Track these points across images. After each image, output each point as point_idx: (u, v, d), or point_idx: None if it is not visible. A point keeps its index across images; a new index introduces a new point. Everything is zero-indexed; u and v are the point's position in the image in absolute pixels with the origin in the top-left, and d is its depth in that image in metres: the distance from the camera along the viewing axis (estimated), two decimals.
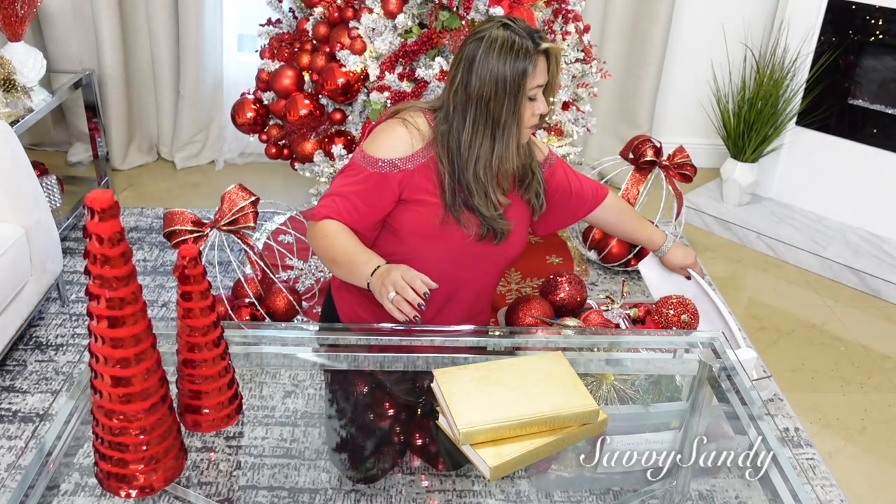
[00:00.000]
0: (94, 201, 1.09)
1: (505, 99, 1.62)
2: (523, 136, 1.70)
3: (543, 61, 1.64)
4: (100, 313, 1.14)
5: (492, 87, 1.61)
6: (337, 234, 1.65)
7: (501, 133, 1.65)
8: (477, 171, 1.66)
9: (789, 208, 3.49)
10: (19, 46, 2.93)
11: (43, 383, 2.32)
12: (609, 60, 3.68)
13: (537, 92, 1.66)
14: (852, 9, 3.16)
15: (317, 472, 1.38)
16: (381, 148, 1.67)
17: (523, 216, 1.82)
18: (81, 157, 3.70)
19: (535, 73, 1.62)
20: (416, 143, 1.68)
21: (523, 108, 1.64)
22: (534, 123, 1.70)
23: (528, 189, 1.80)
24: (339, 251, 1.63)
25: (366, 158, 1.68)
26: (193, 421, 1.39)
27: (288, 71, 2.52)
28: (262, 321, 2.33)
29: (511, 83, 1.60)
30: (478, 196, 1.68)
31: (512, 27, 1.63)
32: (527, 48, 1.60)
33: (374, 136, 1.71)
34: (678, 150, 2.99)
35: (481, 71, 1.61)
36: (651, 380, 1.66)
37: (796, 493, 1.31)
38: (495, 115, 1.63)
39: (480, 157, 1.65)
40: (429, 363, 1.60)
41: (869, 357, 2.69)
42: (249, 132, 2.68)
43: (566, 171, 1.92)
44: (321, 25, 2.49)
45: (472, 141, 1.65)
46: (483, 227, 1.71)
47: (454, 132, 1.66)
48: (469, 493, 1.37)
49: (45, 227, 2.37)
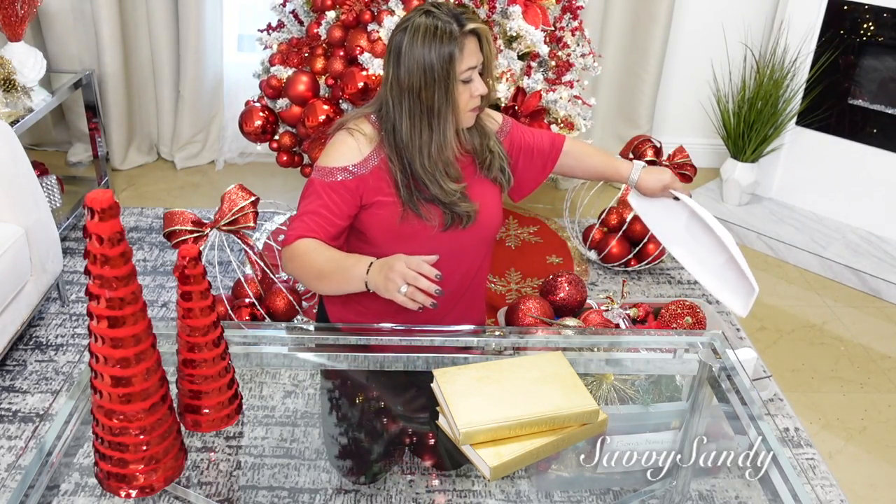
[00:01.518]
0: (94, 201, 1.09)
1: (435, 86, 1.60)
2: (464, 120, 1.69)
3: (473, 42, 1.62)
4: (100, 313, 1.14)
5: (420, 77, 1.59)
6: (314, 249, 1.62)
7: (438, 121, 1.63)
8: (423, 162, 1.65)
9: (789, 208, 3.49)
10: (19, 46, 2.93)
11: (43, 383, 2.32)
12: (609, 60, 3.68)
13: (471, 74, 1.63)
14: (853, 9, 3.16)
15: (317, 472, 1.38)
16: (332, 159, 1.67)
17: (492, 194, 1.80)
18: (81, 157, 3.70)
19: (462, 55, 1.59)
20: (363, 148, 1.67)
21: (456, 92, 1.62)
22: (474, 106, 1.67)
23: (490, 168, 1.79)
24: (323, 263, 1.60)
25: (321, 171, 1.67)
26: (193, 421, 1.39)
27: (302, 77, 2.48)
28: (262, 321, 2.33)
29: (439, 70, 1.58)
30: (431, 186, 1.66)
31: (434, 12, 1.61)
32: (451, 31, 1.58)
33: (325, 151, 1.72)
34: (678, 150, 2.99)
35: (408, 62, 1.59)
36: (651, 380, 1.66)
37: (796, 493, 1.31)
38: (429, 103, 1.61)
39: (423, 147, 1.64)
40: (429, 363, 1.60)
41: (869, 357, 2.69)
42: (258, 141, 2.65)
43: (522, 131, 1.90)
44: (336, 29, 2.46)
45: (412, 133, 1.64)
46: (446, 216, 1.70)
47: (396, 128, 1.65)
48: (469, 493, 1.37)
49: (45, 227, 2.37)
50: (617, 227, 3.03)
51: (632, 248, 3.00)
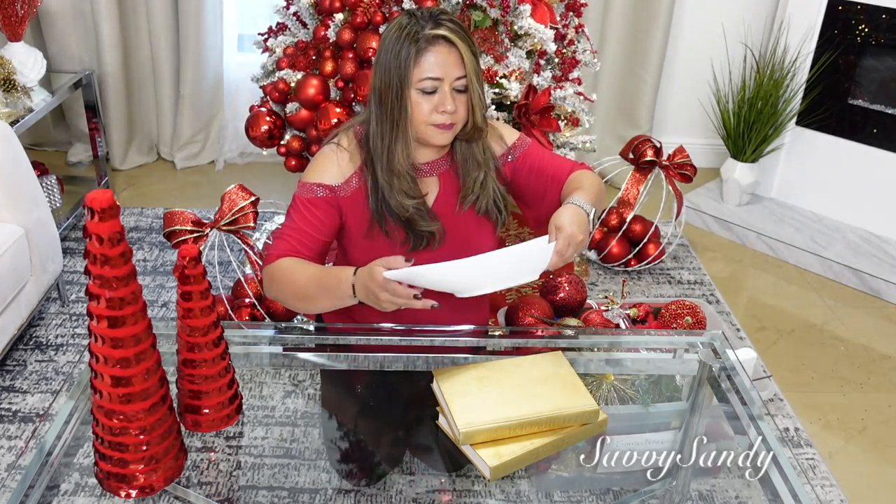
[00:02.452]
0: (94, 201, 1.09)
1: (391, 90, 1.50)
2: (426, 135, 1.55)
3: (443, 52, 1.48)
4: (100, 313, 1.14)
5: (381, 77, 1.52)
6: (292, 268, 1.53)
7: (393, 130, 1.54)
8: (381, 169, 1.57)
9: (789, 208, 3.49)
10: (19, 46, 2.93)
11: (43, 383, 2.32)
12: (609, 60, 3.68)
13: (436, 85, 1.49)
14: (852, 9, 3.16)
15: (317, 472, 1.38)
16: (314, 174, 1.61)
17: (481, 226, 1.69)
18: (81, 157, 3.70)
19: (421, 60, 1.47)
20: (345, 168, 1.60)
21: (409, 101, 1.50)
22: (439, 122, 1.52)
23: (475, 203, 1.65)
24: (304, 284, 1.51)
25: (302, 187, 1.61)
26: (193, 421, 1.39)
27: (312, 80, 2.44)
28: (262, 321, 2.33)
29: (395, 72, 1.49)
30: (389, 196, 1.58)
31: (415, 13, 1.51)
32: (415, 33, 1.47)
33: (308, 166, 1.66)
34: (678, 150, 2.99)
35: (377, 60, 1.53)
36: (651, 380, 1.66)
37: (796, 493, 1.31)
38: (385, 108, 1.53)
39: (381, 154, 1.56)
40: (429, 363, 1.60)
41: (869, 357, 2.69)
42: (265, 146, 2.61)
43: (542, 155, 1.71)
44: (346, 31, 2.42)
45: (374, 138, 1.57)
46: (408, 235, 1.61)
47: (369, 130, 1.59)
48: (469, 493, 1.37)
49: (45, 227, 2.37)
50: (617, 227, 3.03)
51: (632, 248, 3.00)
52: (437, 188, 1.66)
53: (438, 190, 1.66)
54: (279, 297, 1.58)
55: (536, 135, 2.47)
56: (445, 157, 1.66)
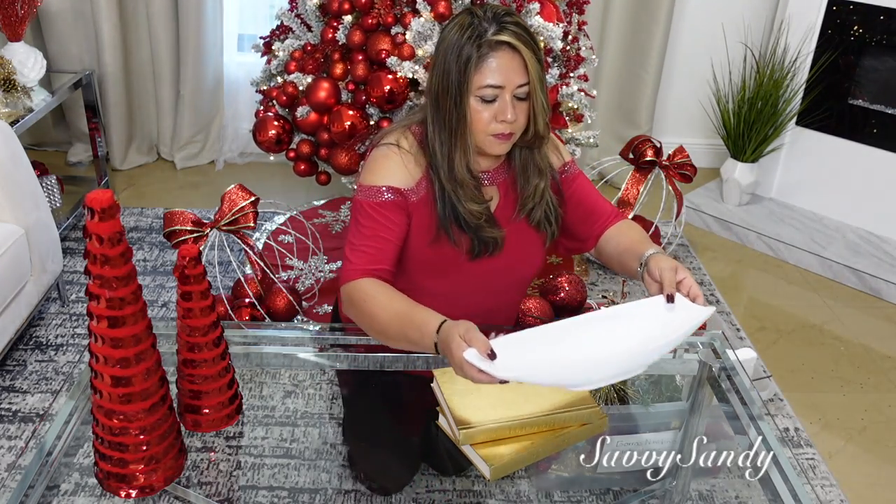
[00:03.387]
0: (94, 201, 1.09)
1: (448, 95, 1.42)
2: (484, 145, 1.47)
3: (506, 57, 1.39)
4: (100, 313, 1.14)
5: (439, 80, 1.43)
6: (375, 297, 1.40)
7: (448, 135, 1.45)
8: (444, 175, 1.48)
9: (789, 208, 3.49)
10: (19, 46, 2.93)
11: (43, 383, 2.32)
12: (609, 61, 3.68)
13: (497, 93, 1.41)
14: (852, 9, 3.16)
15: (317, 472, 1.38)
16: (379, 176, 1.50)
17: (532, 239, 1.62)
18: (81, 157, 3.70)
19: (484, 66, 1.38)
20: (412, 170, 1.50)
21: (468, 108, 1.42)
22: (498, 132, 1.44)
23: (530, 214, 1.58)
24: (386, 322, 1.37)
25: (367, 191, 1.50)
26: (193, 421, 1.39)
27: (323, 83, 2.39)
28: (262, 321, 2.33)
29: (455, 76, 1.39)
30: (457, 203, 1.50)
31: (477, 13, 1.40)
32: (478, 34, 1.37)
33: (367, 168, 1.54)
34: (678, 150, 2.99)
35: (436, 61, 1.44)
36: (651, 380, 1.66)
37: (796, 493, 1.31)
38: (442, 113, 1.44)
39: (441, 159, 1.48)
40: (429, 363, 1.60)
41: (869, 357, 2.69)
42: (272, 151, 2.55)
43: (586, 183, 1.67)
44: (356, 33, 2.38)
45: (434, 141, 1.48)
46: (473, 243, 1.54)
47: (428, 133, 1.50)
48: (469, 493, 1.37)
49: (45, 227, 2.37)
50: None
51: None
52: (497, 197, 1.59)
53: (498, 199, 1.59)
54: (358, 323, 1.46)
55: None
56: (503, 166, 1.59)
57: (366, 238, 1.47)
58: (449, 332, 1.23)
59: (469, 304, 1.59)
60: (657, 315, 1.29)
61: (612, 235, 1.62)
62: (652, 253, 1.42)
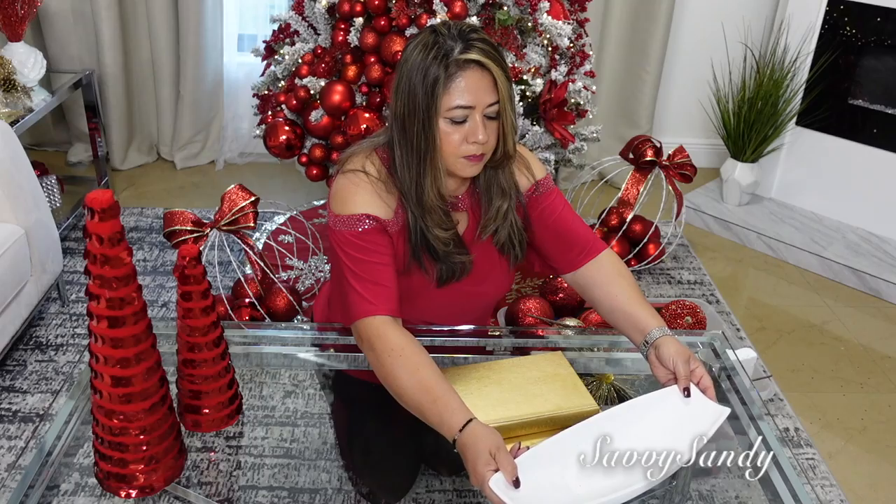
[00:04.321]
0: (94, 201, 1.09)
1: (416, 118, 1.35)
2: (456, 167, 1.40)
3: (475, 77, 1.33)
4: (100, 313, 1.14)
5: (405, 103, 1.35)
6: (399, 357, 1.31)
7: (416, 160, 1.38)
8: (412, 201, 1.42)
9: (789, 208, 3.49)
10: (19, 46, 2.93)
11: (43, 383, 2.32)
12: (609, 60, 3.68)
13: (467, 114, 1.34)
14: (852, 9, 3.16)
15: (317, 472, 1.38)
16: (354, 204, 1.42)
17: (497, 262, 1.56)
18: (81, 157, 3.70)
19: (451, 87, 1.32)
20: (387, 199, 1.43)
21: (437, 131, 1.35)
22: (470, 153, 1.38)
23: (495, 234, 1.52)
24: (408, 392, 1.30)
25: (347, 221, 1.41)
26: (193, 421, 1.39)
27: (337, 86, 2.38)
28: (262, 321, 2.33)
29: (421, 98, 1.33)
30: (426, 231, 1.43)
31: (441, 31, 1.34)
32: (444, 54, 1.31)
33: (339, 198, 1.44)
34: (678, 150, 2.99)
35: (399, 82, 1.36)
36: (651, 380, 1.66)
37: (796, 493, 1.31)
38: (409, 137, 1.37)
39: (410, 184, 1.41)
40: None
41: (869, 357, 2.69)
42: (284, 156, 2.51)
43: (562, 204, 1.58)
44: (369, 35, 2.36)
45: (401, 166, 1.41)
46: (441, 269, 1.48)
47: (394, 157, 1.42)
48: (469, 494, 1.37)
49: (45, 227, 2.37)
50: (617, 227, 3.03)
51: (632, 248, 3.00)
52: (465, 220, 1.54)
53: (467, 222, 1.54)
54: (371, 365, 1.38)
55: (558, 129, 2.50)
56: (469, 188, 1.53)
57: (367, 266, 1.40)
58: (477, 444, 1.19)
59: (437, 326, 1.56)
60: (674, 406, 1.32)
61: (595, 276, 1.52)
62: (660, 336, 1.37)
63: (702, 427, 1.28)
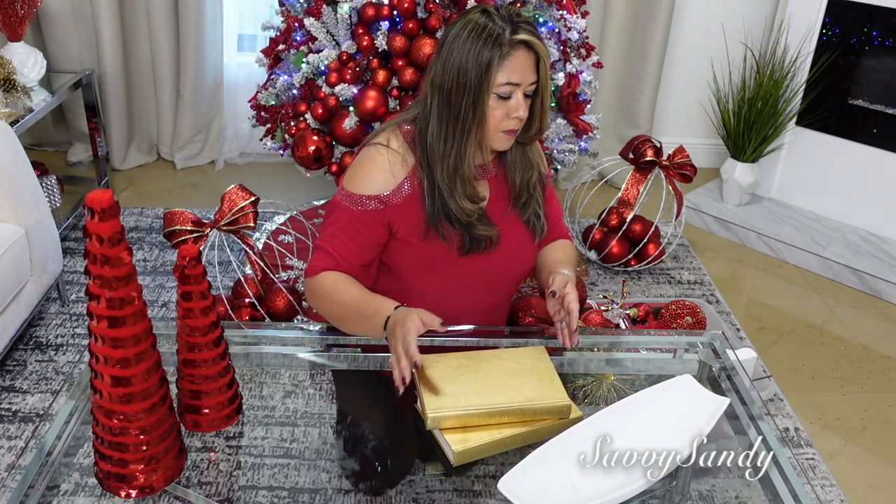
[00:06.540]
0: (94, 201, 1.09)
1: (465, 93, 1.45)
2: (494, 141, 1.53)
3: (524, 56, 1.45)
4: (100, 313, 1.14)
5: (454, 78, 1.45)
6: (335, 287, 1.51)
7: (461, 132, 1.49)
8: (442, 172, 1.52)
9: (789, 208, 3.49)
10: (19, 46, 2.93)
11: (43, 383, 2.32)
12: (609, 60, 3.68)
13: (512, 91, 1.46)
14: (852, 9, 3.16)
15: (317, 472, 1.38)
16: (362, 183, 1.54)
17: (524, 235, 1.67)
18: (81, 157, 3.70)
19: (504, 65, 1.43)
20: (397, 171, 1.54)
21: (486, 106, 1.46)
22: (509, 128, 1.50)
23: (525, 207, 1.65)
24: (343, 307, 1.50)
25: (349, 197, 1.55)
26: (193, 421, 1.39)
27: (370, 92, 2.36)
28: (262, 321, 2.33)
29: (474, 75, 1.43)
30: (449, 200, 1.53)
31: (491, 13, 1.45)
32: (497, 35, 1.42)
33: (353, 170, 1.57)
34: (678, 150, 2.99)
35: (447, 59, 1.46)
36: (651, 380, 1.66)
37: (796, 493, 1.31)
38: (455, 110, 1.47)
39: (444, 156, 1.51)
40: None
41: (869, 357, 2.69)
42: (311, 168, 2.48)
43: (553, 194, 1.77)
44: (398, 38, 2.35)
45: (437, 137, 1.51)
46: (464, 239, 1.57)
47: (427, 128, 1.52)
48: (469, 494, 1.37)
49: (45, 227, 2.37)
50: (617, 227, 3.03)
51: (632, 248, 3.00)
52: (488, 192, 1.62)
53: (490, 194, 1.63)
54: (320, 312, 1.57)
55: (574, 120, 2.52)
56: (494, 161, 1.63)
57: (336, 242, 1.55)
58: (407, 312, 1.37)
59: (461, 301, 1.64)
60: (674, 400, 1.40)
61: (546, 250, 1.73)
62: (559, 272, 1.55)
63: (701, 420, 1.33)
